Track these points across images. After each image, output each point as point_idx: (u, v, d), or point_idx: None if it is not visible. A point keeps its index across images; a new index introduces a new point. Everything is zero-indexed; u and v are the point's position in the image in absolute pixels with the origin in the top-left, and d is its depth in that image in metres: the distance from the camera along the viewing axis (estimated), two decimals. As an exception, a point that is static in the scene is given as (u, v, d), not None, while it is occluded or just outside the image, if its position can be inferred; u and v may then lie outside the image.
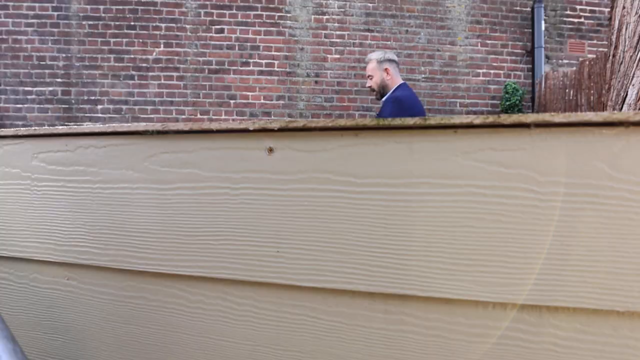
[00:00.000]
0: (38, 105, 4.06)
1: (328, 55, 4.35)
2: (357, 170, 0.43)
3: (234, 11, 4.25)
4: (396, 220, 0.42)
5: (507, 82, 4.32)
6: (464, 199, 0.41)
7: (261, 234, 0.46)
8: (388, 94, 2.31)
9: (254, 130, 0.45)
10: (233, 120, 4.20)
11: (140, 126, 0.50)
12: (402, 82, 2.39)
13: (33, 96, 4.05)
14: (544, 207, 0.39)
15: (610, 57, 1.59)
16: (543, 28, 4.48)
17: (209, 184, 0.48)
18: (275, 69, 4.28)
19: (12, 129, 0.58)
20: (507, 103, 4.09)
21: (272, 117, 4.26)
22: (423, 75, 4.43)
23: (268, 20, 4.29)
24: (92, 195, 0.54)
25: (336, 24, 4.38)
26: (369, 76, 2.38)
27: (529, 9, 4.58)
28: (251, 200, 0.46)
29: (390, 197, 0.42)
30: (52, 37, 4.06)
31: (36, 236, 0.58)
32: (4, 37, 4.00)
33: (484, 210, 0.40)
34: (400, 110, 2.21)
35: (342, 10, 4.40)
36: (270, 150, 0.45)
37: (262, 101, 4.27)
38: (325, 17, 4.36)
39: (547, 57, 4.55)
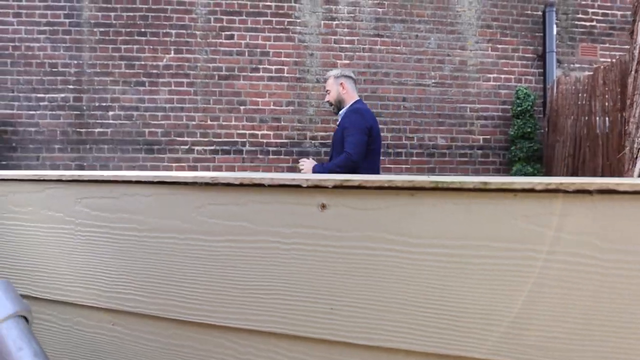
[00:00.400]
0: (50, 112, 4.10)
1: (338, 61, 4.35)
2: (413, 230, 0.43)
3: (244, 17, 4.27)
4: (453, 281, 0.42)
5: (518, 88, 4.29)
6: (523, 263, 0.41)
7: (314, 290, 0.46)
8: (346, 107, 2.48)
9: (307, 187, 0.45)
10: (243, 126, 4.21)
11: (189, 177, 0.50)
12: (358, 98, 2.57)
13: (45, 103, 4.09)
14: (607, 275, 0.39)
15: (633, 72, 1.57)
16: (555, 32, 4.44)
17: (259, 237, 0.48)
18: (285, 74, 4.29)
19: (57, 173, 0.59)
20: (519, 109, 4.06)
21: (282, 123, 4.27)
22: (433, 81, 4.42)
23: (278, 26, 4.30)
24: (138, 243, 0.54)
25: (346, 30, 4.38)
26: (327, 91, 2.58)
27: (540, 13, 4.54)
28: (303, 256, 0.46)
29: (447, 259, 0.42)
30: (64, 44, 4.09)
31: (80, 281, 0.58)
32: (17, 44, 4.04)
33: (544, 275, 0.40)
34: (362, 119, 2.39)
35: (352, 15, 4.40)
36: (323, 206, 0.45)
37: (271, 107, 4.28)
38: (334, 22, 4.36)
39: (558, 61, 4.51)
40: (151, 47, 4.16)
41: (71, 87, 4.10)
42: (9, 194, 0.64)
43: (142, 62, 4.15)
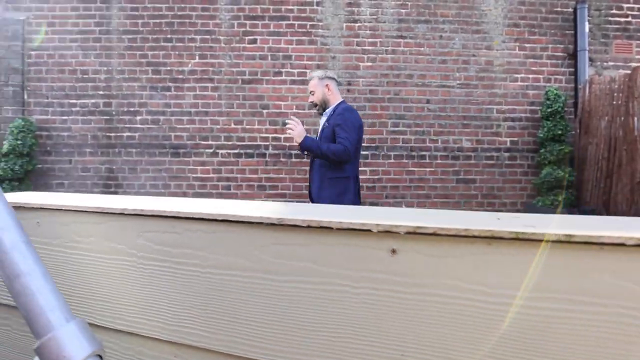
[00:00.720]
0: (82, 117, 4.23)
1: (360, 63, 4.32)
2: (490, 279, 0.42)
3: (267, 21, 4.29)
4: (533, 335, 0.41)
5: (548, 88, 4.16)
6: (610, 320, 0.39)
7: (384, 335, 0.45)
8: (332, 107, 2.53)
9: (378, 232, 0.44)
10: (266, 129, 4.24)
11: (254, 217, 0.50)
12: (342, 99, 2.61)
13: (77, 108, 4.23)
14: None
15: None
16: (587, 29, 4.28)
17: (326, 279, 0.48)
18: (307, 78, 4.29)
19: (119, 206, 0.60)
20: (549, 110, 3.94)
21: (305, 126, 4.26)
22: (458, 82, 4.33)
23: (300, 30, 4.30)
24: (201, 278, 0.55)
25: (368, 31, 4.35)
26: (311, 92, 2.61)
27: (570, 9, 4.39)
28: (373, 301, 0.46)
29: (527, 311, 0.41)
30: (94, 52, 4.22)
31: (143, 313, 0.59)
32: (51, 52, 4.19)
33: (634, 333, 0.38)
34: (355, 119, 2.43)
35: (374, 17, 4.36)
36: (394, 251, 0.45)
37: (294, 110, 4.29)
38: (357, 24, 4.33)
39: (590, 59, 4.35)
40: (177, 52, 4.24)
41: (101, 93, 4.23)
42: (72, 223, 0.66)
43: (168, 68, 4.24)
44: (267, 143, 4.27)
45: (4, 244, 0.47)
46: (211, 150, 4.28)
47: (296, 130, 2.40)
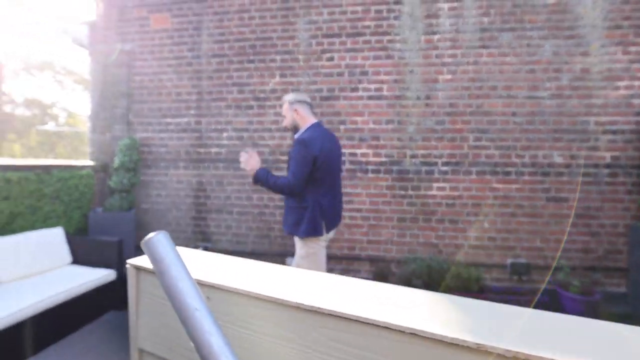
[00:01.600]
0: (176, 135, 4.67)
1: (439, 76, 4.21)
2: None
3: (344, 38, 4.36)
4: None
5: (660, 98, 3.69)
6: None
7: None
8: (298, 134, 2.50)
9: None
10: (343, 145, 4.31)
11: (447, 337, 0.53)
12: (315, 122, 2.53)
13: (172, 127, 4.67)
14: None
15: None
16: None
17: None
18: (384, 93, 4.28)
19: (294, 300, 0.67)
20: (661, 123, 3.49)
21: (381, 142, 4.27)
22: (548, 92, 4.02)
23: (377, 45, 4.30)
24: (383, 382, 0.59)
25: (448, 43, 4.21)
26: (283, 116, 2.60)
27: (689, 6, 3.85)
28: None
29: None
30: (187, 75, 4.62)
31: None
32: (152, 77, 4.67)
33: None
34: (305, 151, 2.35)
35: (454, 27, 4.21)
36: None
37: (370, 126, 4.31)
38: (436, 36, 4.22)
39: None
40: (259, 73, 4.49)
41: (192, 112, 4.62)
42: (247, 306, 0.75)
43: (252, 87, 4.50)
44: (344, 158, 4.34)
45: (214, 350, 0.55)
46: (289, 165, 4.46)
47: (247, 163, 2.42)
